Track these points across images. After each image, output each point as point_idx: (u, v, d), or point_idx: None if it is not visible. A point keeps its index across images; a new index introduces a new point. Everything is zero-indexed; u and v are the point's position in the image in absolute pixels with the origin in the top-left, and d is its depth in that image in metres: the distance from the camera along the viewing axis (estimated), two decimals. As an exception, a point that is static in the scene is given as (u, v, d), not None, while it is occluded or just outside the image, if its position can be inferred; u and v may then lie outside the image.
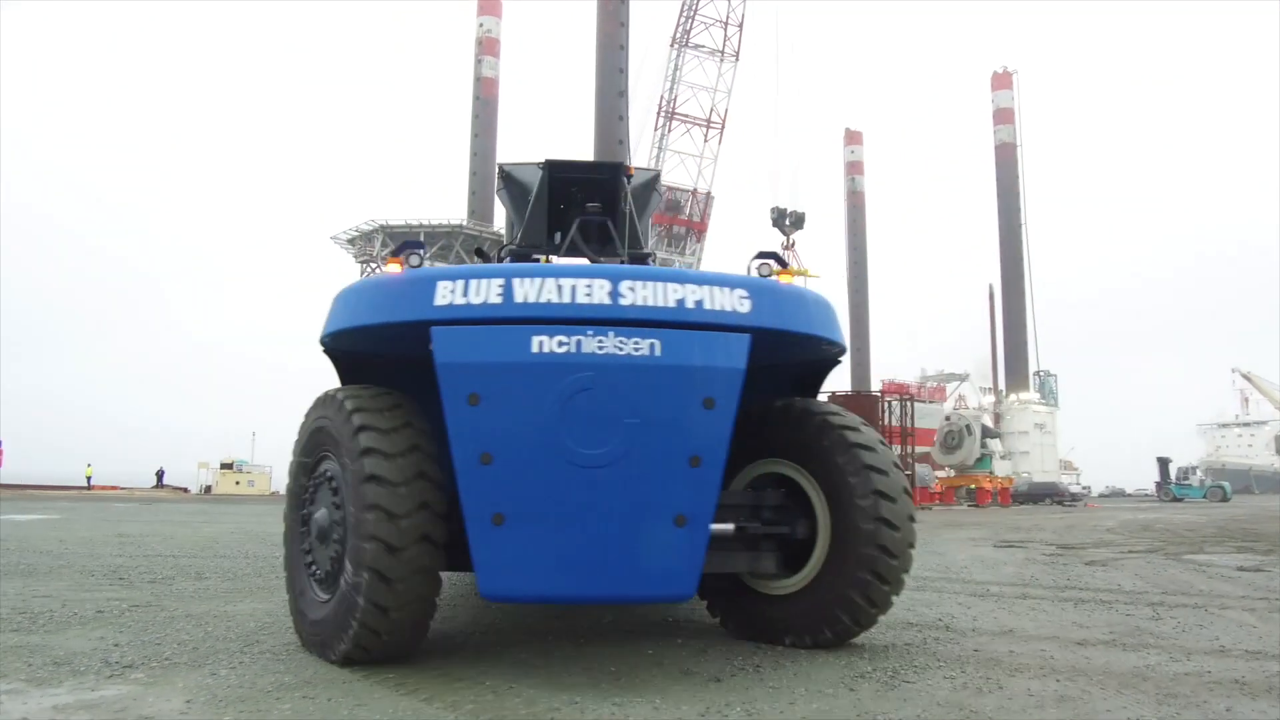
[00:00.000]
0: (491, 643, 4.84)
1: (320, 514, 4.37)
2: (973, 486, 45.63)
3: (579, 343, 3.93)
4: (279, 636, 4.91)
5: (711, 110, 67.26)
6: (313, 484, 4.56)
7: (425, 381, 4.04)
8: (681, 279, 4.17)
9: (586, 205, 6.12)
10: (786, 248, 69.16)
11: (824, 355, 5.01)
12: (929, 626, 5.49)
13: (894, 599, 4.58)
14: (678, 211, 70.02)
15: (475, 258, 7.08)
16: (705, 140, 68.10)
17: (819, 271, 70.44)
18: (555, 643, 4.85)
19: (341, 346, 4.89)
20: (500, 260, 6.40)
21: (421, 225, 54.36)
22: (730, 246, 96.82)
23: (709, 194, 70.03)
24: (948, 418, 52.72)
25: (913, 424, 35.13)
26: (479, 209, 62.51)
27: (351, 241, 57.00)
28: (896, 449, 34.61)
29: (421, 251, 4.41)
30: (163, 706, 3.48)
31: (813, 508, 4.63)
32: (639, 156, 68.76)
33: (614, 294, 4.05)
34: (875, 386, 64.30)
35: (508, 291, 4.04)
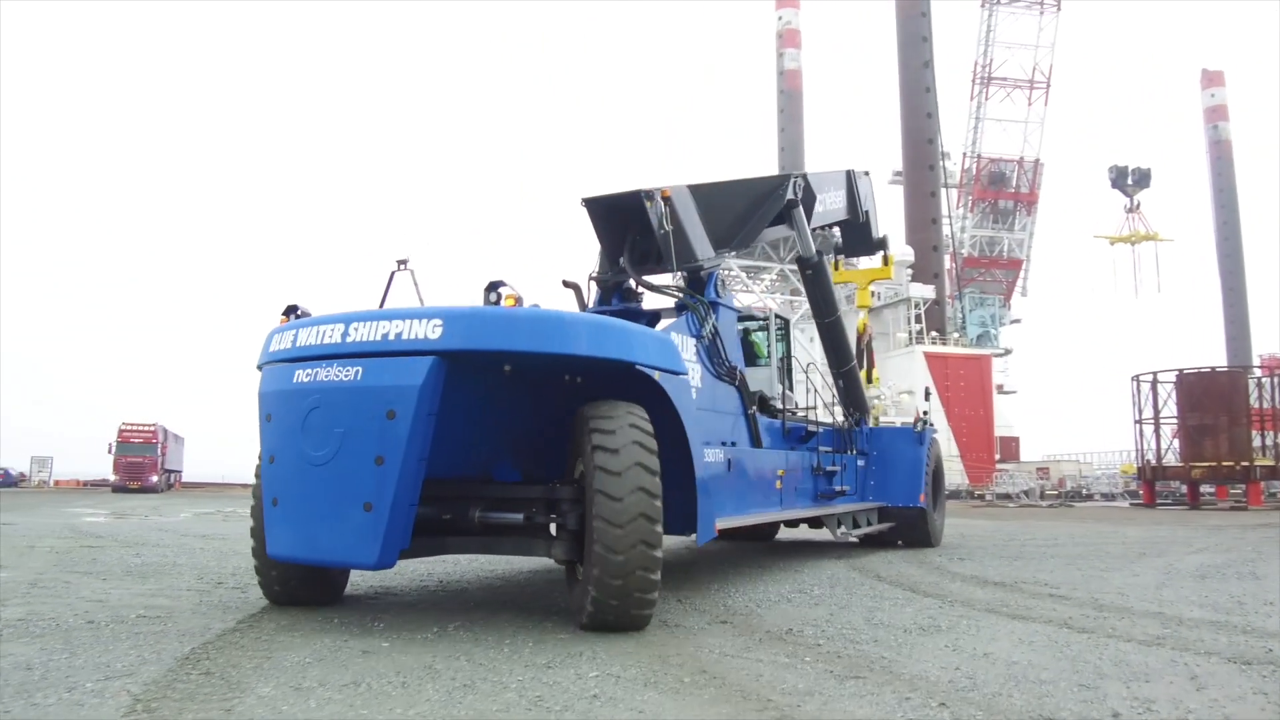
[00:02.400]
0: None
1: None
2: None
3: (316, 374, 5.07)
4: (165, 665, 3.87)
5: (1034, 69, 59.88)
6: None
7: None
8: (391, 316, 5.01)
9: (629, 232, 7.46)
10: (1130, 210, 59.96)
11: (605, 365, 5.35)
12: (1079, 726, 3.19)
13: (644, 596, 4.85)
14: (1002, 185, 63.20)
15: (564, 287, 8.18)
16: (1029, 103, 60.73)
17: (1172, 234, 60.14)
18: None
19: None
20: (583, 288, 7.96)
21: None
22: (1066, 216, 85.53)
23: (1037, 161, 62.42)
24: (1355, 397, 42.08)
25: (1290, 405, 28.04)
26: (787, 203, 60.60)
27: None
28: (1270, 435, 28.00)
29: (299, 310, 5.69)
30: None
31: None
32: (955, 130, 63.13)
33: (344, 334, 5.06)
34: (1257, 361, 53.46)
35: (295, 338, 5.33)
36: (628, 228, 7.42)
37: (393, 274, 6.02)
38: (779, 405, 9.37)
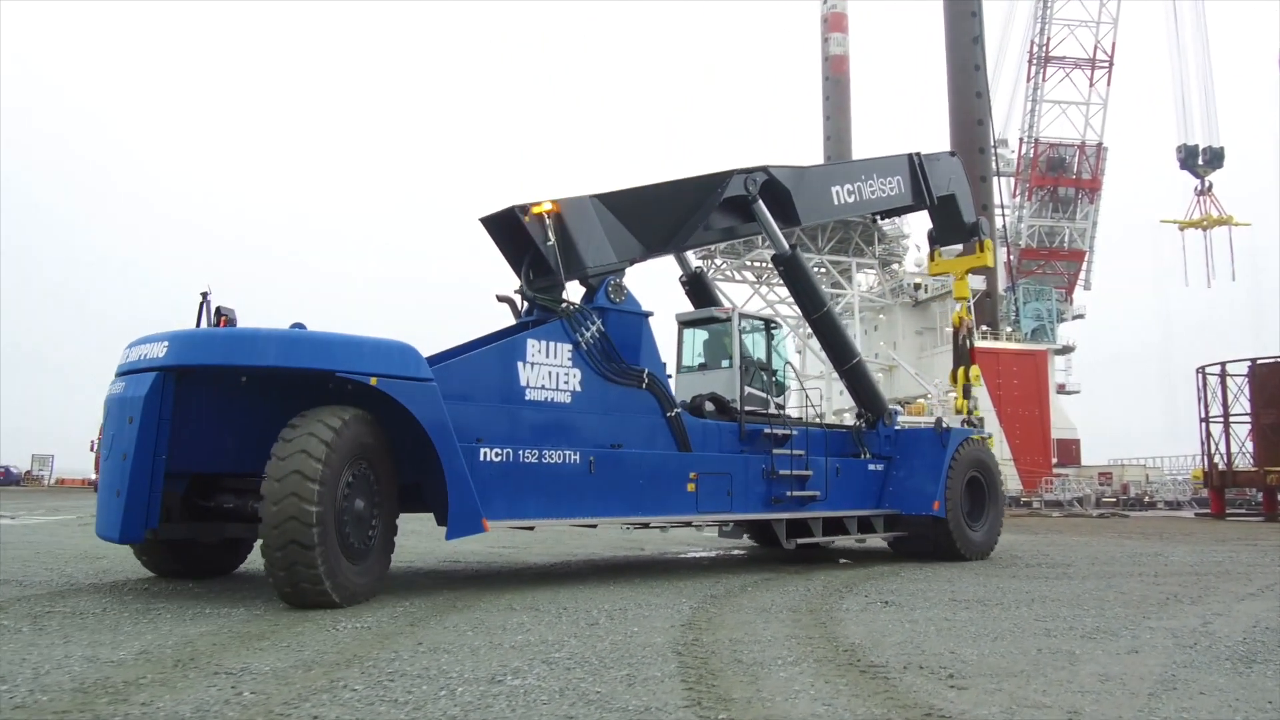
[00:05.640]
0: None
1: None
2: None
3: (112, 389, 6.28)
4: None
5: (1095, 46, 54.98)
6: None
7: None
8: (146, 341, 6.11)
9: (525, 247, 7.82)
10: (1202, 192, 54.39)
11: (307, 374, 6.09)
12: None
13: (310, 587, 5.44)
14: (1062, 171, 58.19)
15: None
16: (1090, 83, 55.79)
17: (1248, 217, 54.51)
18: None
19: None
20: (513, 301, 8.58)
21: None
22: (1135, 203, 78.77)
23: (1100, 145, 57.33)
24: None
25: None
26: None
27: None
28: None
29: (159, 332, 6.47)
30: None
31: None
32: (1011, 112, 58.29)
33: (126, 355, 6.27)
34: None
35: (126, 356, 6.33)
36: (529, 241, 7.68)
37: (200, 305, 6.56)
38: (739, 407, 9.12)
